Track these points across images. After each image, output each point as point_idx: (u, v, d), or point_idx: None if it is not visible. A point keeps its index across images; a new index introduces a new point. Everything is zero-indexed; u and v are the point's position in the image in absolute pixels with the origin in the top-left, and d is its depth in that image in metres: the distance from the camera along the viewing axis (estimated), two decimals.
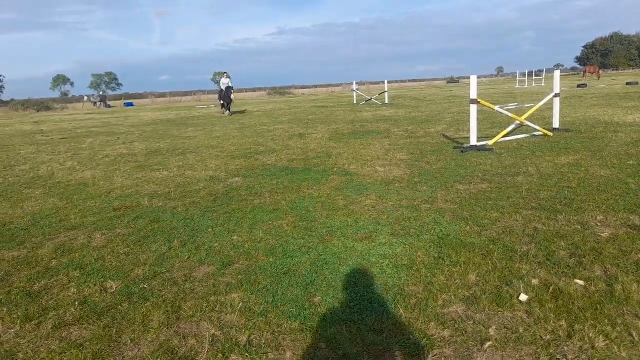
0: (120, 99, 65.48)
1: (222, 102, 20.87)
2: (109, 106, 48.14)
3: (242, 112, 23.04)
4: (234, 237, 3.84)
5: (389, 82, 25.71)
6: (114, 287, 3.00)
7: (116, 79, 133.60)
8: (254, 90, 77.36)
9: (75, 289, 3.00)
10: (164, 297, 2.82)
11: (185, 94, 62.68)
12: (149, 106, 44.76)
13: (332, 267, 3.10)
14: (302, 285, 2.87)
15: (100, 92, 62.39)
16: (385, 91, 23.88)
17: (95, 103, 51.02)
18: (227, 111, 20.64)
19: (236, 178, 6.29)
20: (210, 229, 4.09)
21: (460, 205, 4.35)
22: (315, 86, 76.82)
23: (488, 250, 3.21)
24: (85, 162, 8.57)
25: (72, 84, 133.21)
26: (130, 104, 50.85)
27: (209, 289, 2.89)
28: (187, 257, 3.47)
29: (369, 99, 23.99)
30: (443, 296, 2.60)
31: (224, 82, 20.60)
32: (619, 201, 4.13)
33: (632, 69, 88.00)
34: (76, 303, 2.80)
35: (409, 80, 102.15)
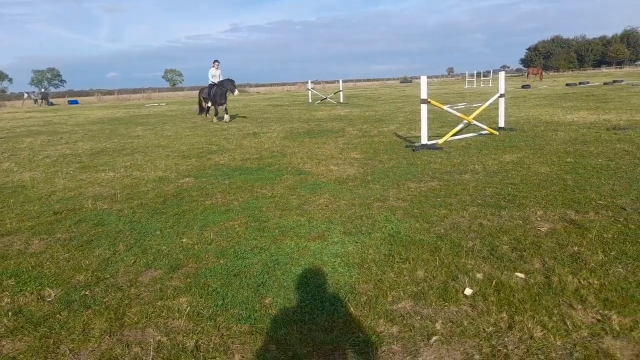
0: (64, 96, 62.18)
1: (210, 103, 15.14)
2: (52, 104, 45.67)
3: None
4: (184, 240, 3.73)
5: (344, 81, 25.96)
6: (53, 295, 2.84)
7: (59, 75, 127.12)
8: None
9: (10, 299, 2.82)
10: (107, 304, 2.70)
11: (135, 91, 60.55)
12: (95, 104, 42.80)
13: (284, 268, 3.08)
14: (253, 287, 2.83)
15: (42, 89, 58.93)
16: (340, 90, 24.09)
17: (36, 101, 48.22)
18: (226, 115, 14.82)
19: (187, 179, 6.13)
20: (158, 232, 3.96)
21: (411, 203, 4.44)
22: (271, 85, 76.40)
23: (436, 246, 3.30)
24: (24, 164, 8.07)
25: (10, 80, 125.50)
26: (75, 102, 48.36)
27: (156, 294, 2.79)
28: (133, 261, 3.33)
29: (325, 98, 24.10)
30: (393, 293, 2.64)
31: (215, 73, 14.98)
32: (557, 197, 4.36)
33: (572, 71, 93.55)
34: (10, 313, 2.62)
35: (364, 80, 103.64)
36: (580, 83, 29.84)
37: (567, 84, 29.77)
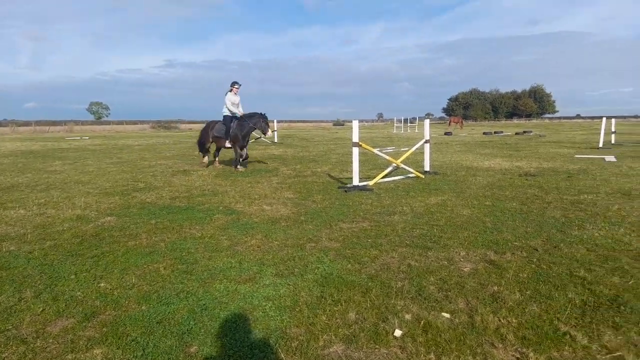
0: None
1: (227, 142, 10.89)
2: None
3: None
4: (102, 284, 3.45)
5: (279, 121, 26.26)
6: None
7: None
8: (135, 123, 72.94)
9: None
10: (7, 359, 2.39)
11: (54, 123, 56.86)
12: (8, 135, 39.55)
13: (212, 313, 2.94)
14: (178, 334, 2.66)
15: None
16: (274, 130, 24.30)
17: None
18: (241, 165, 10.99)
19: (109, 217, 5.75)
20: (73, 276, 3.63)
21: (343, 244, 4.49)
22: (203, 121, 75.44)
23: (367, 287, 3.33)
24: None
25: None
26: None
27: (66, 345, 2.53)
28: (41, 309, 3.01)
29: (259, 137, 24.16)
30: (324, 337, 2.60)
31: (235, 101, 10.81)
32: (478, 238, 4.62)
33: (488, 120, 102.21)
34: None
35: (299, 121, 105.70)
36: (495, 132, 32.62)
37: (484, 133, 32.40)
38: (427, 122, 9.85)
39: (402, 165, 8.90)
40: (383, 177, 8.48)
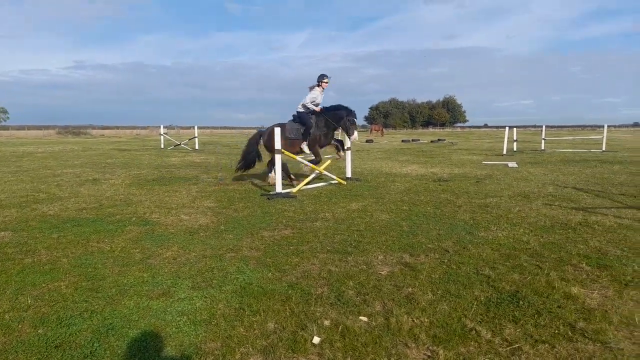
0: None
1: (297, 148, 9.10)
2: None
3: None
4: None
5: (202, 127, 25.50)
6: None
7: None
8: (40, 128, 66.77)
9: None
10: None
11: None
12: None
13: (119, 332, 2.73)
14: (79, 358, 2.43)
15: None
16: (195, 137, 23.55)
17: None
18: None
19: (3, 233, 5.17)
20: None
21: (265, 252, 4.42)
22: (117, 127, 71.13)
23: (287, 295, 3.30)
24: None
25: None
26: None
27: None
28: None
29: (178, 144, 23.29)
30: (241, 349, 2.52)
31: (319, 100, 9.06)
32: (395, 242, 4.79)
33: (406, 129, 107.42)
34: None
35: (223, 128, 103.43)
36: (413, 140, 34.37)
37: (402, 140, 34.01)
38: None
39: (325, 172, 9.02)
40: (306, 184, 8.53)
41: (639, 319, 2.83)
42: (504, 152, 18.40)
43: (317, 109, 8.92)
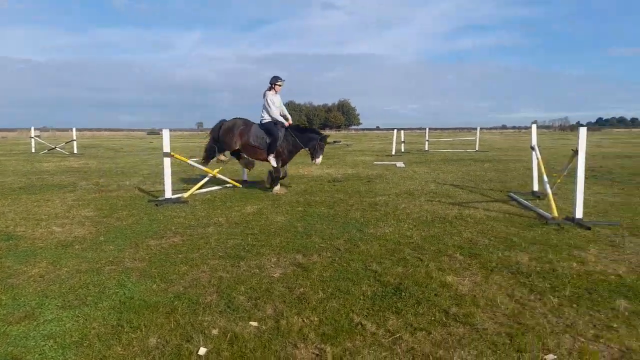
0: None
1: (260, 156, 8.59)
2: None
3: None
4: None
5: (82, 130, 23.22)
6: None
7: None
8: None
9: None
10: None
11: None
12: None
13: None
14: None
15: None
16: (73, 140, 21.38)
17: None
18: (278, 185, 8.62)
19: None
20: None
21: (150, 263, 4.14)
22: None
23: (173, 307, 3.11)
24: None
25: None
26: None
27: None
28: None
29: (53, 148, 20.96)
30: None
31: (277, 103, 8.56)
32: (289, 243, 4.80)
33: None
34: None
35: (107, 130, 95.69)
36: None
37: None
38: None
39: (219, 176, 8.77)
40: (200, 188, 8.21)
41: (500, 301, 3.17)
42: (393, 152, 19.62)
43: (287, 123, 8.50)
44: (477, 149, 22.02)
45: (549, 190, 6.29)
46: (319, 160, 8.49)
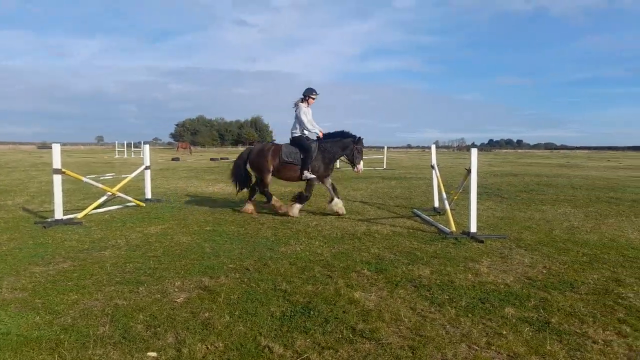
0: None
1: (296, 174, 7.83)
2: None
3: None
4: None
5: None
6: None
7: None
8: None
9: None
10: None
11: None
12: None
13: None
14: None
15: None
16: None
17: None
18: (337, 198, 7.88)
19: None
20: None
21: (33, 292, 3.68)
22: None
23: (58, 341, 2.78)
24: None
25: None
26: None
27: None
28: None
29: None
30: None
31: (310, 117, 7.99)
32: (195, 265, 4.58)
33: (215, 147, 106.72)
34: None
35: None
36: (221, 158, 34.30)
37: (211, 159, 33.62)
38: (146, 147, 9.39)
39: (119, 194, 8.18)
40: (97, 208, 7.57)
41: (404, 314, 3.28)
42: None
43: (320, 133, 7.83)
44: (385, 167, 23.12)
45: (447, 206, 6.75)
46: (360, 166, 7.76)
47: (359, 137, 7.73)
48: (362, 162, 7.74)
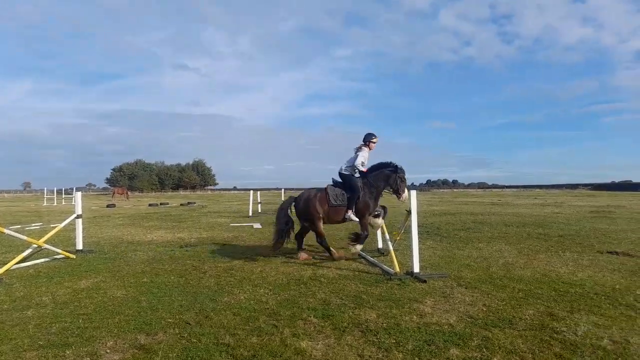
0: None
1: (340, 216, 7.68)
2: None
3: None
4: None
5: None
6: None
7: None
8: None
9: None
10: None
11: None
12: None
13: None
14: None
15: None
16: None
17: None
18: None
19: None
20: None
21: None
22: None
23: None
24: None
25: None
26: None
27: None
28: None
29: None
30: None
31: (365, 161, 7.84)
32: (130, 322, 4.27)
33: (155, 192, 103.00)
34: None
35: None
36: (161, 204, 33.06)
37: (150, 204, 32.25)
38: (78, 194, 8.86)
39: (46, 246, 7.58)
40: (19, 262, 6.94)
41: None
42: (250, 213, 19.55)
43: (364, 169, 7.72)
44: None
45: (391, 247, 6.87)
46: (405, 195, 7.51)
47: (400, 166, 7.71)
48: (406, 190, 7.54)
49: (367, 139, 7.94)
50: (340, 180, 7.81)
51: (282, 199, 24.09)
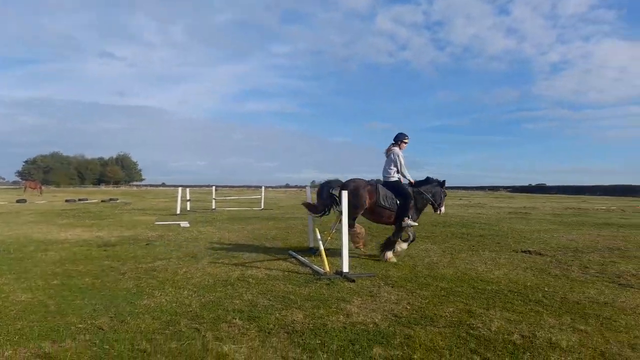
0: None
1: (388, 219, 7.56)
2: None
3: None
4: None
5: None
6: None
7: None
8: None
9: None
10: None
11: None
12: None
13: None
14: None
15: None
16: None
17: None
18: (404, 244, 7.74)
19: None
20: None
21: None
22: None
23: None
24: None
25: None
26: None
27: None
28: None
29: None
30: None
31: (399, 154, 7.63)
32: (34, 328, 3.89)
33: (73, 187, 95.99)
34: None
35: None
36: (80, 199, 30.86)
37: (66, 200, 29.98)
38: None
39: None
40: None
41: None
42: (178, 211, 18.79)
43: (412, 180, 7.76)
44: (262, 207, 23.02)
45: (322, 247, 6.88)
46: (443, 208, 8.00)
47: (444, 180, 7.92)
48: (444, 206, 8.08)
49: (400, 139, 7.85)
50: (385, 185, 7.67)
51: (214, 197, 23.41)
